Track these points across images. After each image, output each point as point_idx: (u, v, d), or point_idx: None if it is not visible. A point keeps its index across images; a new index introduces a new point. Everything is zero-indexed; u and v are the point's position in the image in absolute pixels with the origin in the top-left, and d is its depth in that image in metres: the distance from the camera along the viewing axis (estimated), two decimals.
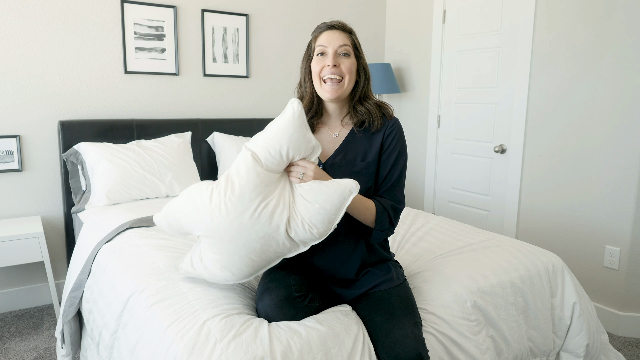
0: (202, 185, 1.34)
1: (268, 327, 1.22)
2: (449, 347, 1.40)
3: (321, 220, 1.24)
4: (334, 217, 1.25)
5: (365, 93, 1.46)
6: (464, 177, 3.26)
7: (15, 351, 2.21)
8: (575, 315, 1.72)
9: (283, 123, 1.26)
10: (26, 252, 2.34)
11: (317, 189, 1.25)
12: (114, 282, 1.61)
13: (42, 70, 2.60)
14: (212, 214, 1.26)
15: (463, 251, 1.83)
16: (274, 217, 1.24)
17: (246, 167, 1.25)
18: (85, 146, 2.53)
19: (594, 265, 2.55)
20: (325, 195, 1.24)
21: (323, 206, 1.23)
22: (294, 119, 1.25)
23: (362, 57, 1.45)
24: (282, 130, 1.25)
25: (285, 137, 1.25)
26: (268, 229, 1.23)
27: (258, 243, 1.25)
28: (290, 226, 1.25)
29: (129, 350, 1.34)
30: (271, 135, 1.26)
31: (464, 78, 3.19)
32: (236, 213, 1.23)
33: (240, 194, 1.23)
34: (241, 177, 1.25)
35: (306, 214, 1.24)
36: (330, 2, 3.51)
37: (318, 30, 1.43)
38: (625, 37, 2.34)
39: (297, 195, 1.27)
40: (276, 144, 1.25)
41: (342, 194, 1.24)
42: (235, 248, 1.26)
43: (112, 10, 2.75)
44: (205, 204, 1.28)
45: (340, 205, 1.24)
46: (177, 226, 1.39)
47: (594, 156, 2.51)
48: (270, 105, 3.35)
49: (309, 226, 1.24)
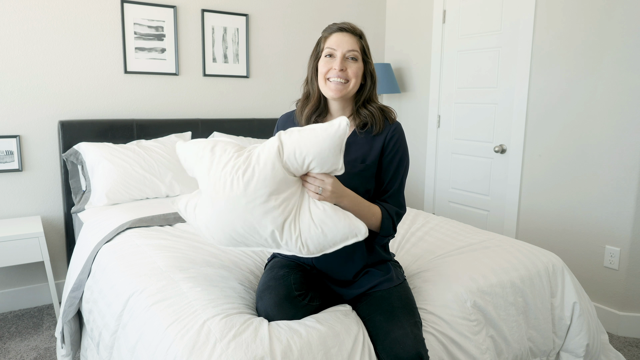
0: (228, 147, 1.30)
1: (268, 326, 1.22)
2: (449, 347, 1.40)
3: (316, 245, 1.24)
4: (328, 248, 1.26)
5: (370, 97, 1.47)
6: (464, 177, 3.26)
7: (15, 351, 2.21)
8: (575, 315, 1.72)
9: (322, 134, 1.21)
10: (26, 252, 2.34)
11: (328, 216, 1.23)
12: (114, 282, 1.61)
13: (42, 70, 2.60)
14: (217, 180, 1.24)
15: (463, 251, 1.83)
16: (267, 217, 1.22)
17: (267, 156, 1.22)
18: (85, 146, 2.53)
19: (594, 265, 2.55)
20: (332, 225, 1.23)
21: (325, 234, 1.23)
22: (334, 137, 1.20)
23: (370, 62, 1.46)
24: (317, 141, 1.20)
25: (315, 149, 1.20)
26: (256, 223, 1.23)
27: (242, 228, 1.24)
28: (282, 233, 1.23)
29: (129, 350, 1.34)
30: (304, 139, 1.22)
31: (464, 78, 3.19)
32: (236, 194, 1.22)
33: (248, 180, 1.21)
34: (259, 163, 1.22)
35: (305, 233, 1.23)
36: (330, 2, 3.51)
37: (329, 31, 1.44)
38: (625, 37, 2.34)
39: (305, 209, 1.25)
40: (304, 150, 1.21)
41: (349, 233, 1.24)
42: (221, 220, 1.25)
43: (112, 10, 2.75)
44: (218, 167, 1.26)
45: (340, 242, 1.25)
46: (190, 163, 1.35)
47: (594, 156, 2.51)
48: (270, 105, 3.35)
49: (301, 244, 1.24)
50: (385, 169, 1.44)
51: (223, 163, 1.25)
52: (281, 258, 1.50)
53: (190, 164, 1.35)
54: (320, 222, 1.23)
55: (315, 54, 1.46)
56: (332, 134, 1.20)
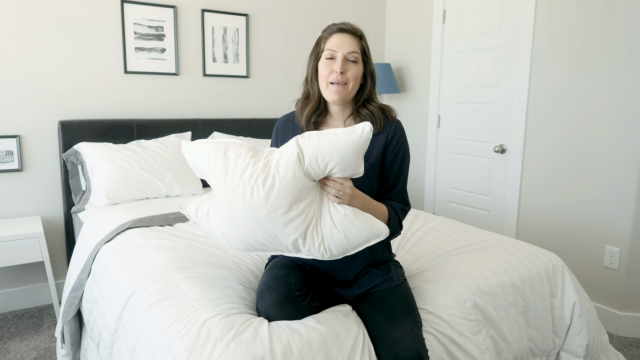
0: (242, 151, 1.26)
1: (268, 326, 1.22)
2: (449, 347, 1.40)
3: (339, 248, 1.24)
4: (351, 250, 1.25)
5: (370, 96, 1.47)
6: (464, 177, 3.26)
7: (15, 351, 2.21)
8: (575, 315, 1.72)
9: (344, 140, 1.19)
10: (26, 252, 2.34)
11: (349, 219, 1.22)
12: (114, 282, 1.61)
13: (42, 70, 2.60)
14: (235, 189, 1.22)
15: (463, 251, 1.84)
16: (290, 226, 1.21)
17: (287, 164, 1.20)
18: (85, 146, 2.53)
19: (594, 265, 2.55)
20: (354, 229, 1.22)
21: (347, 237, 1.23)
22: (357, 142, 1.19)
23: (370, 62, 1.45)
24: (340, 147, 1.18)
25: (338, 154, 1.18)
26: (278, 232, 1.22)
27: (262, 237, 1.23)
28: (305, 240, 1.22)
29: (129, 350, 1.34)
30: (327, 145, 1.19)
31: (464, 78, 3.19)
32: (256, 204, 1.19)
33: (269, 190, 1.19)
34: (279, 172, 1.20)
35: (328, 238, 1.23)
36: (330, 2, 3.51)
37: (329, 31, 1.43)
38: (625, 37, 2.34)
39: (326, 214, 1.24)
40: (326, 156, 1.18)
41: (371, 234, 1.24)
42: (240, 228, 1.24)
43: (112, 10, 2.75)
44: (235, 175, 1.23)
45: (363, 243, 1.25)
46: (201, 167, 1.31)
47: (594, 156, 2.51)
48: (270, 105, 3.35)
49: (324, 248, 1.23)
50: (389, 167, 1.44)
51: (240, 170, 1.22)
52: (281, 258, 1.50)
53: (200, 167, 1.31)
54: (342, 226, 1.22)
55: (315, 54, 1.46)
56: (355, 140, 1.19)
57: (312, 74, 1.46)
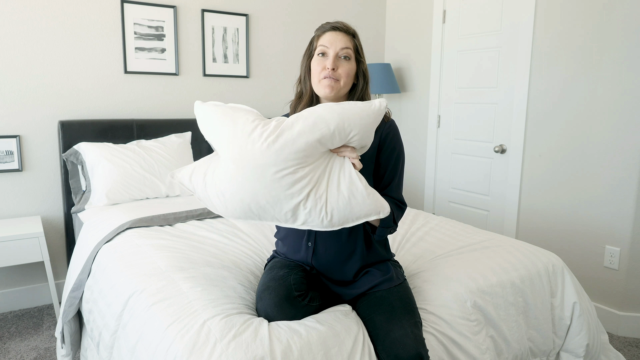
0: (250, 114, 1.27)
1: (268, 326, 1.22)
2: (449, 347, 1.40)
3: (340, 216, 1.23)
4: (351, 222, 1.25)
5: (362, 97, 1.47)
6: (464, 177, 3.26)
7: (15, 351, 2.21)
8: (575, 315, 1.72)
9: (366, 110, 1.24)
10: (26, 252, 2.34)
11: (357, 190, 1.23)
12: (114, 282, 1.61)
13: (42, 70, 2.60)
14: (244, 146, 1.21)
15: (463, 251, 1.84)
16: (294, 187, 1.20)
17: (302, 127, 1.20)
18: (85, 146, 2.53)
19: (594, 265, 2.55)
20: (360, 198, 1.22)
21: (351, 205, 1.22)
22: (376, 114, 1.25)
23: (363, 61, 1.45)
24: (362, 116, 1.23)
25: (361, 124, 1.23)
26: (282, 194, 1.20)
27: (264, 199, 1.22)
28: (307, 203, 1.21)
29: (129, 350, 1.34)
30: (350, 113, 1.22)
31: (464, 78, 3.19)
32: (264, 161, 1.19)
33: (280, 148, 1.18)
34: (292, 132, 1.20)
35: (333, 202, 1.22)
36: (330, 2, 3.51)
37: (321, 30, 1.43)
38: (625, 37, 2.34)
39: (334, 178, 1.24)
40: (351, 124, 1.22)
41: (374, 209, 1.24)
42: (243, 188, 1.22)
43: (112, 10, 2.75)
44: (244, 132, 1.22)
45: (363, 217, 1.24)
46: (211, 126, 1.31)
47: (594, 156, 2.51)
48: (270, 105, 3.35)
49: (325, 213, 1.22)
50: (384, 165, 1.44)
51: (248, 131, 1.22)
52: (281, 258, 1.50)
53: (211, 126, 1.30)
54: (349, 193, 1.22)
55: (308, 52, 1.46)
56: (375, 111, 1.25)
57: (305, 72, 1.46)
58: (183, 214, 2.19)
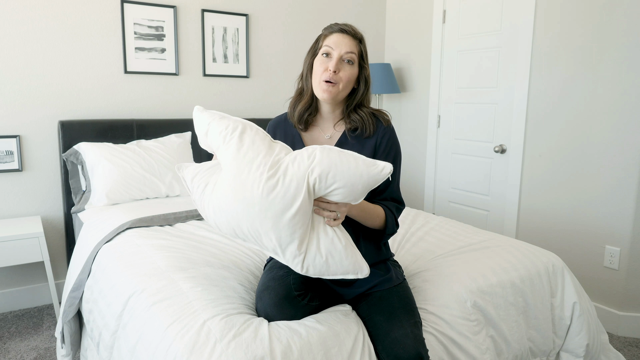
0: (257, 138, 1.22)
1: (268, 326, 1.22)
2: (449, 347, 1.40)
3: (315, 271, 1.23)
4: (327, 276, 1.24)
5: (362, 102, 1.46)
6: (464, 177, 3.26)
7: (15, 351, 2.21)
8: (575, 315, 1.72)
9: (363, 169, 1.16)
10: (26, 252, 2.34)
11: (336, 250, 1.21)
12: (114, 282, 1.61)
13: (42, 70, 2.60)
14: (239, 174, 1.19)
15: (463, 251, 1.84)
16: (274, 231, 1.18)
17: (294, 173, 1.16)
18: (85, 146, 2.53)
19: (594, 265, 2.55)
20: (337, 259, 1.21)
21: (328, 265, 1.21)
22: (373, 177, 1.16)
23: (366, 67, 1.44)
24: (354, 173, 1.15)
25: (349, 180, 1.15)
26: (262, 232, 1.20)
27: (247, 229, 1.21)
28: (285, 251, 1.21)
29: (129, 350, 1.34)
30: (343, 166, 1.15)
31: (464, 78, 3.19)
32: (252, 196, 1.16)
33: (269, 190, 1.15)
34: (285, 177, 1.16)
35: (310, 259, 1.21)
36: (330, 2, 3.51)
37: (330, 30, 1.43)
38: (625, 37, 2.34)
39: (314, 236, 1.21)
40: (337, 176, 1.15)
41: (351, 269, 1.23)
42: (231, 212, 1.21)
43: (112, 10, 2.75)
44: (244, 160, 1.19)
45: (340, 274, 1.24)
46: (212, 140, 1.27)
47: (593, 156, 2.51)
48: (270, 105, 3.35)
49: (301, 267, 1.22)
50: None
51: (250, 158, 1.19)
52: None
53: (213, 140, 1.27)
54: (327, 253, 1.21)
55: (313, 50, 1.45)
56: (373, 173, 1.16)
57: (308, 70, 1.46)
58: (183, 214, 2.19)
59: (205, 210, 1.29)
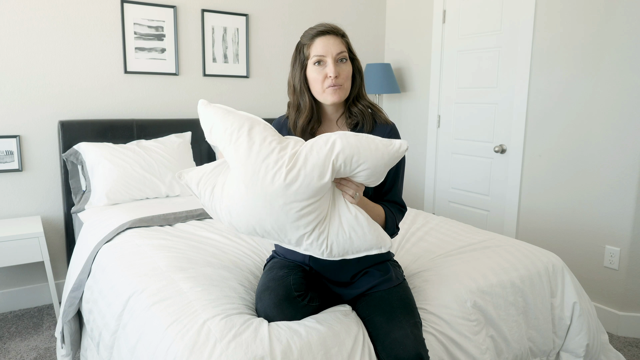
0: (267, 134, 1.22)
1: (268, 327, 1.22)
2: (449, 347, 1.40)
3: (340, 249, 1.24)
4: (351, 254, 1.25)
5: (359, 92, 1.47)
6: (464, 177, 3.26)
7: (15, 351, 2.21)
8: (575, 315, 1.72)
9: (382, 149, 1.19)
10: (26, 252, 2.34)
11: (359, 224, 1.22)
12: (114, 282, 1.61)
13: (42, 70, 2.60)
14: (256, 172, 1.18)
15: (463, 251, 1.84)
16: (301, 220, 1.19)
17: (316, 161, 1.17)
18: (85, 146, 2.53)
19: (594, 265, 2.55)
20: (361, 233, 1.22)
21: (352, 240, 1.22)
22: (393, 155, 1.20)
23: (356, 58, 1.45)
24: (377, 154, 1.19)
25: (373, 160, 1.19)
26: (288, 225, 1.21)
27: (270, 225, 1.22)
28: (310, 236, 1.22)
29: (129, 350, 1.34)
30: (364, 147, 1.18)
31: (464, 78, 3.19)
32: (274, 191, 1.17)
33: (291, 181, 1.16)
34: (306, 167, 1.17)
35: (333, 236, 1.22)
36: (330, 2, 3.51)
37: (309, 37, 1.39)
38: (625, 37, 2.34)
39: (336, 213, 1.23)
40: (362, 158, 1.18)
41: (375, 244, 1.24)
42: (251, 211, 1.21)
43: (112, 10, 2.75)
44: (258, 157, 1.19)
45: (364, 250, 1.24)
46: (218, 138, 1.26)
47: (594, 156, 2.51)
48: (270, 105, 3.35)
49: (326, 246, 1.23)
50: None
51: (264, 154, 1.19)
52: (280, 259, 1.50)
53: (218, 138, 1.26)
54: (350, 228, 1.22)
55: (300, 63, 1.42)
56: (392, 152, 1.20)
57: (302, 84, 1.42)
58: (183, 214, 2.19)
59: (218, 213, 1.29)
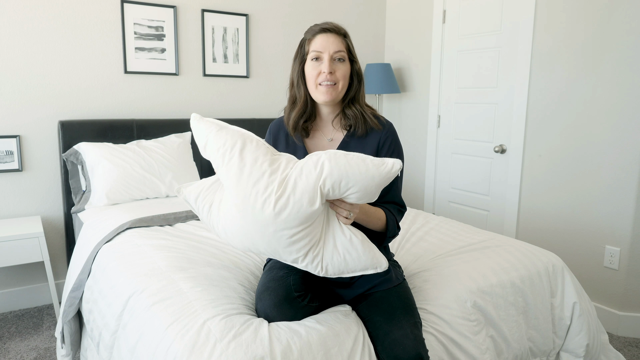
0: (259, 154, 1.20)
1: (268, 327, 1.22)
2: (449, 347, 1.40)
3: (335, 270, 1.24)
4: (347, 273, 1.25)
5: (356, 96, 1.46)
6: (464, 177, 3.26)
7: (15, 351, 2.21)
8: (575, 315, 1.72)
9: (373, 170, 1.16)
10: (26, 252, 2.34)
11: (353, 247, 1.22)
12: (114, 282, 1.61)
13: (42, 70, 2.60)
14: (247, 197, 1.17)
15: (463, 251, 1.84)
16: (293, 246, 1.19)
17: (304, 187, 1.15)
18: (85, 146, 2.53)
19: (594, 265, 2.55)
20: (355, 255, 1.22)
21: (347, 261, 1.22)
22: (384, 177, 1.17)
23: (356, 61, 1.45)
24: (367, 176, 1.15)
25: (363, 183, 1.15)
26: (280, 249, 1.21)
27: (263, 248, 1.23)
28: (305, 259, 1.22)
29: (129, 350, 1.34)
30: (354, 170, 1.15)
31: (464, 78, 3.19)
32: (265, 218, 1.16)
33: (280, 209, 1.15)
34: (295, 193, 1.15)
35: (327, 259, 1.22)
36: (330, 2, 3.51)
37: (311, 33, 1.42)
38: (625, 37, 2.34)
39: (330, 236, 1.22)
40: (351, 181, 1.15)
41: (370, 265, 1.24)
42: (244, 234, 1.22)
43: (112, 10, 2.75)
44: (249, 181, 1.17)
45: (358, 271, 1.24)
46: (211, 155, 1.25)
47: (593, 156, 2.51)
48: (270, 105, 3.35)
49: (321, 267, 1.23)
50: None
51: (255, 179, 1.17)
52: None
53: (211, 156, 1.25)
54: (344, 250, 1.22)
55: (300, 57, 1.44)
56: (383, 174, 1.17)
57: (299, 78, 1.45)
58: (183, 214, 2.19)
59: (215, 229, 1.30)
